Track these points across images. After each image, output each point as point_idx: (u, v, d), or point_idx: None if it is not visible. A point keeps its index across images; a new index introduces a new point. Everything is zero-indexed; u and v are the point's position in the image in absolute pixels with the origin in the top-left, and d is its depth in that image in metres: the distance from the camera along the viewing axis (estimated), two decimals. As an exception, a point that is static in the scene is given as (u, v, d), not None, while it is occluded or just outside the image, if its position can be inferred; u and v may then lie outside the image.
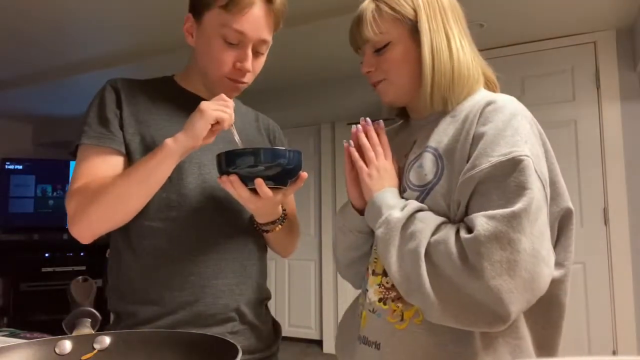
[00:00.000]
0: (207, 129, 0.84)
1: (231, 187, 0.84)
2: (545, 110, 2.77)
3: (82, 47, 3.09)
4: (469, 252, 0.68)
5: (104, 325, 0.71)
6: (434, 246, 0.72)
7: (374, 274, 0.85)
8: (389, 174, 0.84)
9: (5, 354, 0.59)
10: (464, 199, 0.73)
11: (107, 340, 0.66)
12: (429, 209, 0.77)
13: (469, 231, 0.70)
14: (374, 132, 0.87)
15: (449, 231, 0.72)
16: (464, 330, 0.71)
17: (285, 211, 1.00)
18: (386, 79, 0.86)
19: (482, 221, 0.68)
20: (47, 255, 4.21)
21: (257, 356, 0.99)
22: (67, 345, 0.64)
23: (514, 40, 2.91)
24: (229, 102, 0.87)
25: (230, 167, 0.83)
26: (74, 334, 0.69)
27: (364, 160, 0.85)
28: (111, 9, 2.55)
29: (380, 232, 0.77)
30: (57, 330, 0.73)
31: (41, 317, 3.93)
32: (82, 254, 4.30)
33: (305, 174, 0.88)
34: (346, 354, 0.91)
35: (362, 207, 0.86)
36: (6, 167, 4.32)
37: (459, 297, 0.69)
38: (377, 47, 0.85)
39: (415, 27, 0.83)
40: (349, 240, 0.91)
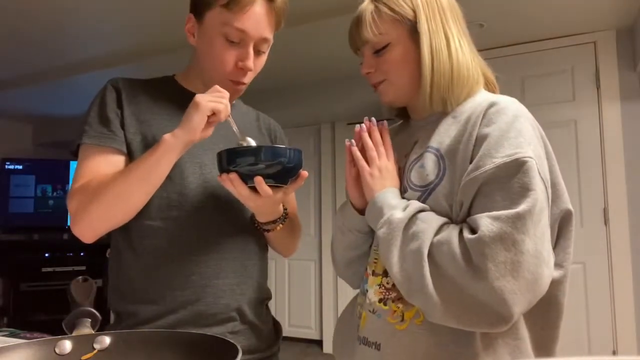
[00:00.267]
0: (203, 121, 0.83)
1: (231, 185, 0.84)
2: (545, 110, 2.77)
3: (82, 47, 3.09)
4: (473, 253, 0.68)
5: (104, 325, 0.71)
6: (436, 246, 0.72)
7: (374, 274, 0.85)
8: (391, 174, 0.84)
9: (5, 354, 0.59)
10: (466, 200, 0.73)
11: (107, 340, 0.66)
12: (431, 209, 0.77)
13: (472, 232, 0.70)
14: (378, 132, 0.87)
15: (452, 231, 0.72)
16: (464, 330, 0.71)
17: (286, 210, 1.00)
18: (386, 80, 0.86)
19: (487, 222, 0.68)
20: (47, 255, 4.21)
21: (258, 356, 0.99)
22: (67, 345, 0.64)
23: (514, 40, 2.91)
24: (224, 93, 0.86)
25: (230, 165, 0.83)
26: (74, 334, 0.69)
27: (365, 159, 0.85)
28: (111, 9, 2.55)
29: (382, 232, 0.77)
30: (57, 330, 0.72)
31: (41, 317, 3.93)
32: (82, 254, 4.30)
33: (305, 173, 0.88)
34: (345, 355, 0.91)
35: (362, 207, 0.87)
36: (6, 167, 4.32)
37: (462, 297, 0.69)
38: (376, 48, 0.85)
39: (414, 27, 0.83)
40: (348, 239, 0.91)
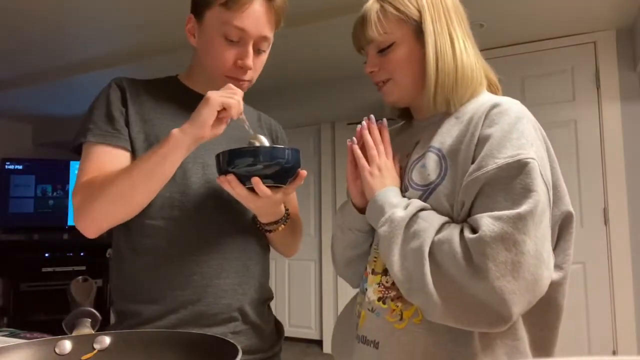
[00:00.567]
0: (213, 115, 0.82)
1: (229, 186, 0.84)
2: (545, 110, 2.76)
3: (82, 47, 3.09)
4: (474, 253, 0.68)
5: (104, 325, 0.71)
6: (437, 245, 0.72)
7: (374, 273, 0.85)
8: (391, 173, 0.84)
9: (5, 354, 0.59)
10: (468, 200, 0.73)
11: (107, 340, 0.66)
12: (432, 208, 0.77)
13: (473, 231, 0.70)
14: (377, 131, 0.87)
15: (453, 231, 0.72)
16: (462, 330, 0.71)
17: (288, 211, 1.00)
18: (391, 79, 0.87)
19: (488, 222, 0.68)
20: (47, 255, 4.21)
21: (260, 356, 0.99)
22: (67, 345, 0.64)
23: (514, 40, 2.91)
24: (237, 90, 0.86)
25: (229, 166, 0.83)
26: (74, 334, 0.69)
27: (366, 158, 0.85)
28: (111, 9, 2.55)
29: (383, 230, 0.77)
30: (57, 330, 0.72)
31: (41, 317, 3.93)
32: (82, 254, 4.30)
33: (304, 172, 0.88)
34: (344, 354, 0.91)
35: (363, 206, 0.87)
36: (6, 167, 4.32)
37: (462, 297, 0.69)
38: (381, 47, 0.86)
39: (419, 28, 0.83)
40: (348, 238, 0.91)
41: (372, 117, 0.88)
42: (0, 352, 0.59)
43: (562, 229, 0.78)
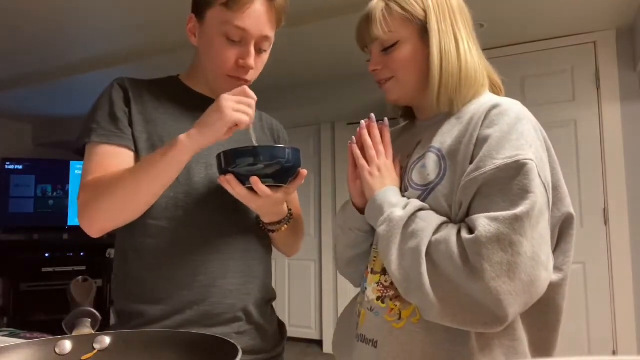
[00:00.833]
0: (224, 131, 0.82)
1: (229, 186, 0.84)
2: (545, 110, 2.76)
3: (82, 47, 3.09)
4: (470, 253, 0.68)
5: (104, 325, 0.71)
6: (434, 245, 0.72)
7: (373, 272, 0.85)
8: (390, 173, 0.85)
9: (5, 354, 0.59)
10: (466, 200, 0.73)
11: (107, 340, 0.66)
12: (431, 208, 0.77)
13: (470, 232, 0.70)
14: (377, 131, 0.87)
15: (450, 231, 0.72)
16: (460, 330, 0.71)
17: (291, 211, 1.00)
18: (394, 78, 0.87)
19: (484, 222, 0.68)
20: (47, 255, 4.20)
21: (263, 356, 0.99)
22: (67, 345, 0.64)
23: (514, 40, 2.91)
24: (252, 100, 0.84)
25: (229, 166, 0.83)
26: (74, 334, 0.69)
27: (365, 158, 0.85)
28: (111, 9, 2.55)
29: (381, 229, 0.77)
30: (57, 330, 0.72)
31: (41, 317, 3.93)
32: (82, 254, 4.30)
33: (304, 171, 0.88)
34: (344, 353, 0.91)
35: (363, 206, 0.87)
36: (6, 167, 4.32)
37: (458, 296, 0.69)
38: (385, 45, 0.86)
39: (424, 27, 0.83)
40: (348, 238, 0.91)
41: (372, 116, 0.88)
42: (0, 352, 0.59)
43: (562, 230, 0.78)
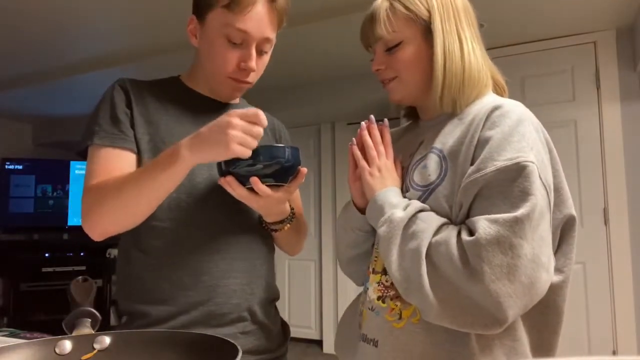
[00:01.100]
0: (224, 157, 0.81)
1: (229, 188, 0.84)
2: (545, 110, 2.76)
3: (82, 47, 3.09)
4: (470, 255, 0.68)
5: (104, 325, 0.71)
6: (435, 247, 0.72)
7: (374, 272, 0.85)
8: (391, 173, 0.84)
9: (5, 354, 0.59)
10: (466, 201, 0.73)
11: (107, 340, 0.66)
12: (431, 209, 0.77)
13: (470, 233, 0.70)
14: (377, 131, 0.87)
15: (451, 232, 0.72)
16: (460, 330, 0.71)
17: (293, 210, 1.00)
18: (397, 78, 0.86)
19: (484, 224, 0.68)
20: (47, 255, 4.20)
21: (268, 356, 0.99)
22: (67, 345, 0.64)
23: (514, 40, 2.91)
24: (260, 129, 0.79)
25: (229, 167, 0.83)
26: (74, 334, 0.69)
27: (366, 159, 0.85)
28: (111, 9, 2.55)
29: (382, 230, 0.77)
30: (57, 330, 0.72)
31: (41, 317, 3.93)
32: (82, 254, 4.30)
33: (304, 170, 0.87)
34: (348, 355, 0.91)
35: (363, 206, 0.87)
36: (6, 167, 4.32)
37: (458, 298, 0.69)
38: (389, 45, 0.85)
39: (428, 27, 0.83)
40: (349, 238, 0.92)
41: (372, 117, 0.88)
42: (0, 352, 0.59)
43: (564, 232, 0.78)
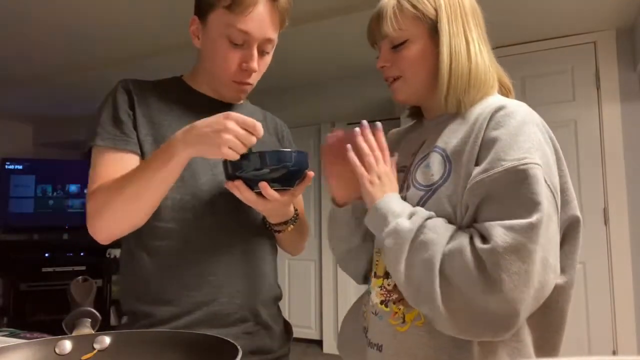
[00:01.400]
0: (215, 156, 0.82)
1: (237, 192, 0.84)
2: (545, 110, 2.73)
3: (82, 47, 3.09)
4: (488, 264, 0.67)
5: (104, 325, 0.71)
6: (448, 257, 0.70)
7: (376, 276, 0.85)
8: (390, 180, 0.83)
9: (5, 354, 0.59)
10: (473, 203, 0.72)
11: (107, 340, 0.66)
12: (433, 209, 0.76)
13: (483, 239, 0.69)
14: (372, 136, 0.85)
15: (463, 240, 0.70)
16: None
17: (297, 211, 1.00)
18: (402, 77, 0.86)
19: (501, 232, 0.67)
20: (47, 255, 4.21)
21: (271, 356, 0.99)
22: (67, 345, 0.64)
23: (514, 40, 2.91)
24: (253, 139, 0.80)
25: (236, 171, 0.82)
26: (74, 334, 0.69)
27: (364, 165, 0.82)
28: (112, 9, 2.55)
29: (388, 242, 0.76)
30: (57, 330, 0.73)
31: (41, 317, 3.93)
32: (82, 254, 4.30)
33: (311, 173, 0.87)
34: (350, 353, 0.91)
35: (344, 201, 0.89)
36: (6, 167, 4.32)
37: (470, 310, 0.68)
38: (394, 43, 0.85)
39: (435, 26, 0.82)
40: (338, 233, 0.93)
41: (364, 122, 0.86)
42: (0, 352, 0.59)
43: (568, 233, 0.77)
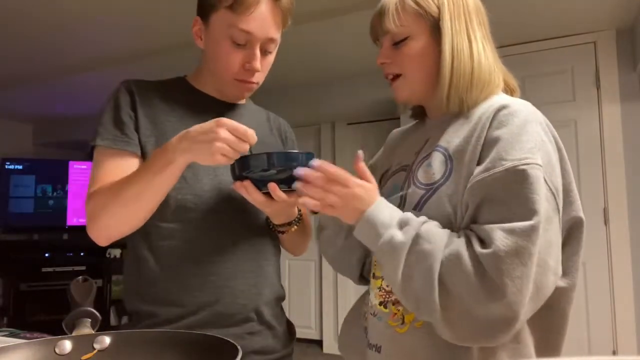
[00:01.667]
0: (208, 163, 0.82)
1: (245, 192, 0.83)
2: (545, 110, 2.71)
3: (82, 47, 3.09)
4: (489, 268, 0.66)
5: (104, 325, 0.71)
6: (445, 265, 0.69)
7: (374, 277, 0.85)
8: (353, 195, 0.75)
9: (5, 354, 0.59)
10: (473, 202, 0.71)
11: (107, 340, 0.66)
12: (433, 209, 0.75)
13: (482, 242, 0.68)
14: (330, 166, 0.77)
15: (460, 246, 0.69)
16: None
17: (300, 212, 1.00)
18: (402, 75, 0.86)
19: (501, 235, 0.66)
20: (47, 255, 4.20)
21: (274, 356, 1.00)
22: (67, 345, 0.64)
23: (514, 40, 2.91)
24: (246, 146, 0.79)
25: (243, 172, 0.82)
26: (74, 334, 0.69)
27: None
28: (112, 9, 2.55)
29: (381, 257, 0.74)
30: (57, 330, 0.73)
31: (41, 317, 3.93)
32: (82, 254, 4.30)
33: None
34: (351, 353, 0.91)
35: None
36: (6, 167, 4.32)
37: (470, 318, 0.68)
38: (395, 39, 0.85)
39: (437, 24, 0.82)
40: (323, 236, 0.93)
41: (314, 161, 0.77)
42: (0, 352, 0.59)
43: (570, 234, 0.77)
